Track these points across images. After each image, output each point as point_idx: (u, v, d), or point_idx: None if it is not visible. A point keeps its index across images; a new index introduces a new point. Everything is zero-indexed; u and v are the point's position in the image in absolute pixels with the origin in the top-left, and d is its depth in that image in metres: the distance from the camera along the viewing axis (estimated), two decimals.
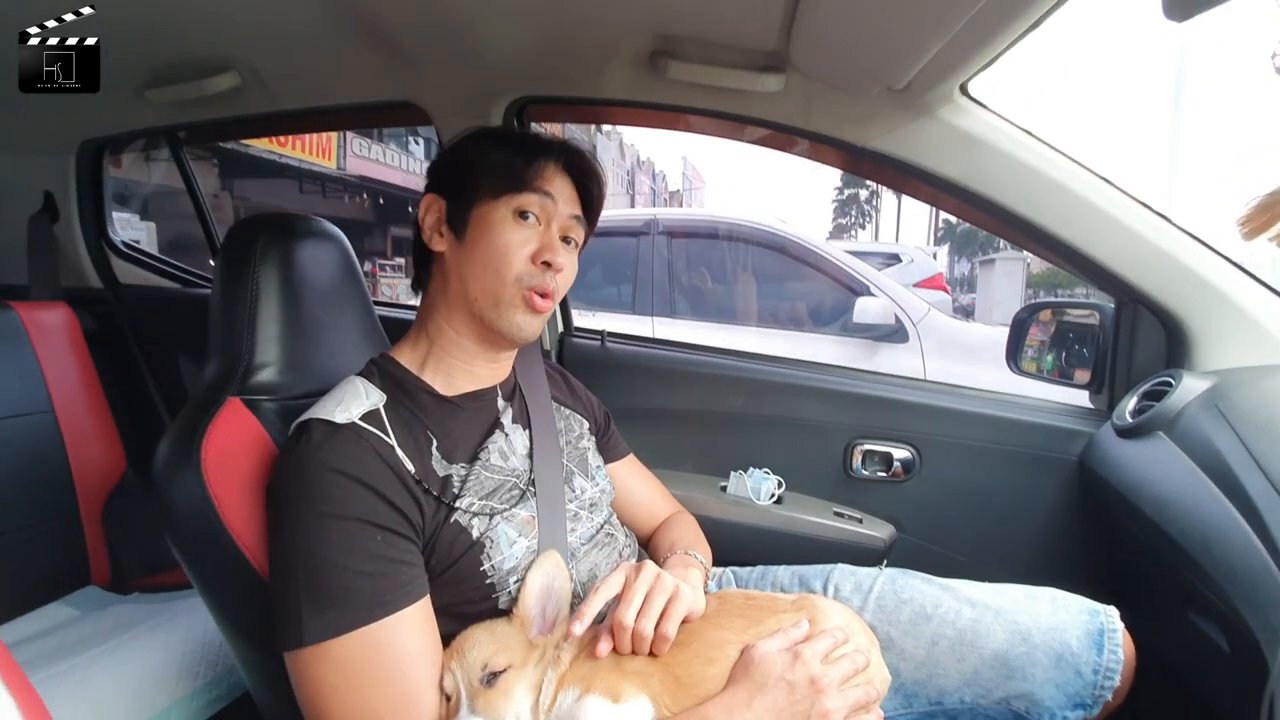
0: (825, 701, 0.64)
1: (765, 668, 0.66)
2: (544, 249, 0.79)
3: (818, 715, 0.64)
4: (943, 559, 1.28)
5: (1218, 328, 1.07)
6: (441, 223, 0.82)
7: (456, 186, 0.82)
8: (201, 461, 0.74)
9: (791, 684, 0.65)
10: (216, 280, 0.88)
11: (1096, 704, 0.79)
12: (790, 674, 0.65)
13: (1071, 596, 0.87)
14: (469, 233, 0.79)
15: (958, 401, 1.29)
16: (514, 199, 0.79)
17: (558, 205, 0.81)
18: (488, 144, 0.84)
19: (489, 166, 0.80)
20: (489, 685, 0.64)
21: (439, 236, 0.82)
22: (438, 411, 0.79)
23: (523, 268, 0.78)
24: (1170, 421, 0.99)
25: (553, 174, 0.82)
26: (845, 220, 28.69)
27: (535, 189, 0.79)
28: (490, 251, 0.78)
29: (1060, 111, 59.83)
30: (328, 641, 0.62)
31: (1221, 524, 0.76)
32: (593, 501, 0.88)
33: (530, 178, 0.79)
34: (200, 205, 1.81)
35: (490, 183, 0.79)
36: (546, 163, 0.81)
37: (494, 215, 0.78)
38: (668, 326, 3.26)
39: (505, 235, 0.78)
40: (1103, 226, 1.06)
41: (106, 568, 1.40)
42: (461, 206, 0.80)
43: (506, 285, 0.78)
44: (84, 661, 1.00)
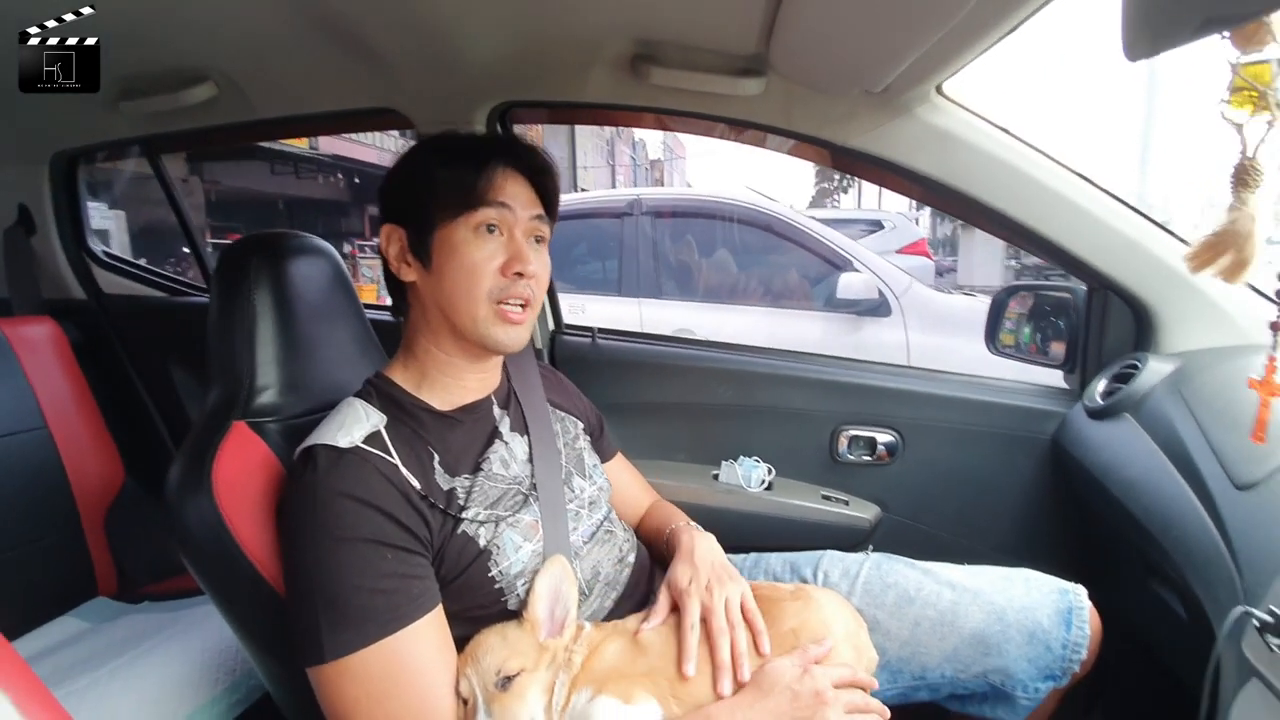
0: (828, 713, 0.68)
1: (774, 676, 0.71)
2: (512, 260, 0.78)
3: None
4: (925, 535, 1.34)
5: (1182, 311, 1.12)
6: (406, 252, 0.81)
7: (412, 213, 0.81)
8: (213, 486, 0.76)
9: (796, 693, 0.69)
10: (213, 304, 0.89)
11: (1065, 675, 0.86)
12: (797, 684, 0.70)
13: (1043, 577, 0.93)
14: (434, 259, 0.79)
15: (938, 386, 1.34)
16: (472, 216, 0.78)
17: (517, 212, 0.80)
18: (432, 161, 0.82)
19: (439, 186, 0.79)
20: (504, 689, 0.67)
21: (406, 266, 0.82)
22: (437, 427, 0.81)
23: (494, 282, 0.78)
24: (1136, 404, 1.04)
25: (505, 180, 0.80)
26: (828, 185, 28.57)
27: (491, 202, 0.78)
28: (459, 274, 0.78)
29: (1036, 107, 59.60)
30: (348, 657, 0.65)
31: (1180, 506, 0.82)
32: (592, 500, 0.91)
33: (483, 190, 0.78)
34: (183, 217, 1.79)
35: (445, 203, 0.78)
36: (496, 169, 0.80)
37: (455, 236, 0.78)
38: (655, 308, 3.28)
39: (471, 255, 0.77)
40: (1073, 217, 1.10)
41: (113, 578, 1.42)
42: (421, 234, 0.79)
43: (481, 303, 0.78)
44: (104, 676, 1.02)
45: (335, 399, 0.82)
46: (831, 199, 24.95)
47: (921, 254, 6.36)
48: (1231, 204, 0.51)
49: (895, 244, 6.20)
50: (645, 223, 3.40)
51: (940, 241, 16.77)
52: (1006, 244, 12.52)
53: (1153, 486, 0.89)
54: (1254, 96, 0.47)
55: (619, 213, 3.45)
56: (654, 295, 3.33)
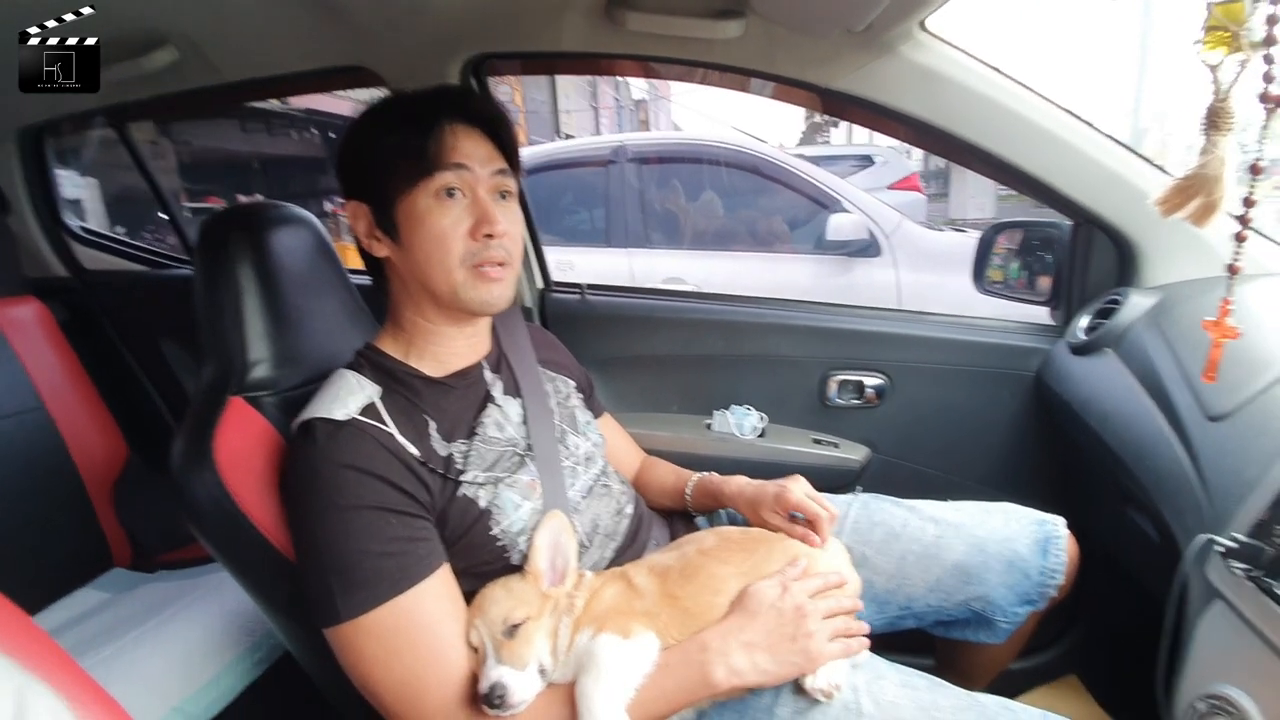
0: (809, 624, 0.73)
1: (758, 598, 0.75)
2: (480, 222, 0.77)
3: (802, 636, 0.72)
4: (912, 473, 1.38)
5: (1165, 244, 1.13)
6: (373, 229, 0.80)
7: (369, 187, 0.79)
8: (216, 462, 0.78)
9: (780, 610, 0.73)
10: (197, 280, 0.89)
11: (1042, 599, 0.91)
12: (780, 603, 0.74)
13: (1023, 510, 0.97)
14: (401, 232, 0.78)
15: (925, 328, 1.36)
16: (429, 182, 0.76)
17: (476, 170, 0.78)
18: (378, 128, 0.80)
19: (390, 154, 0.77)
20: (511, 636, 0.71)
21: (377, 242, 0.81)
22: (431, 394, 0.82)
23: (464, 248, 0.77)
24: (1117, 339, 1.06)
25: (457, 137, 0.77)
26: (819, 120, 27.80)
27: (446, 164, 0.76)
28: (429, 244, 0.77)
29: (1026, 28, 57.19)
30: (362, 616, 0.68)
31: (1154, 437, 0.85)
32: (587, 456, 0.93)
33: (435, 153, 0.75)
34: (156, 187, 1.75)
35: (399, 172, 0.76)
36: (444, 127, 0.77)
37: (418, 206, 0.76)
38: (644, 258, 3.25)
39: (436, 223, 0.76)
40: (1057, 152, 1.09)
41: (127, 549, 1.46)
42: (384, 208, 0.78)
43: (454, 270, 0.77)
44: (129, 643, 1.07)
45: (329, 370, 0.83)
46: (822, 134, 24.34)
47: (913, 189, 6.25)
48: (1203, 147, 0.51)
49: (886, 179, 6.09)
50: (631, 170, 3.33)
51: (933, 174, 16.49)
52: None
53: (1129, 418, 0.92)
54: (1227, 37, 0.46)
55: (604, 160, 3.38)
56: (642, 245, 3.30)
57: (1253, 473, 0.67)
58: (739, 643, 0.72)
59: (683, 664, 0.71)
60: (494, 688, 0.67)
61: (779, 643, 0.72)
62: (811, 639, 0.72)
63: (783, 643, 0.72)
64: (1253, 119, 0.52)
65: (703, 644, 0.72)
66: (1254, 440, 0.70)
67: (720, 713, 0.75)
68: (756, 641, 0.72)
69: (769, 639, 0.72)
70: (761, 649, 0.72)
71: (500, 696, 0.66)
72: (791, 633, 0.72)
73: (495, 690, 0.67)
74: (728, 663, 0.70)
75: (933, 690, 0.72)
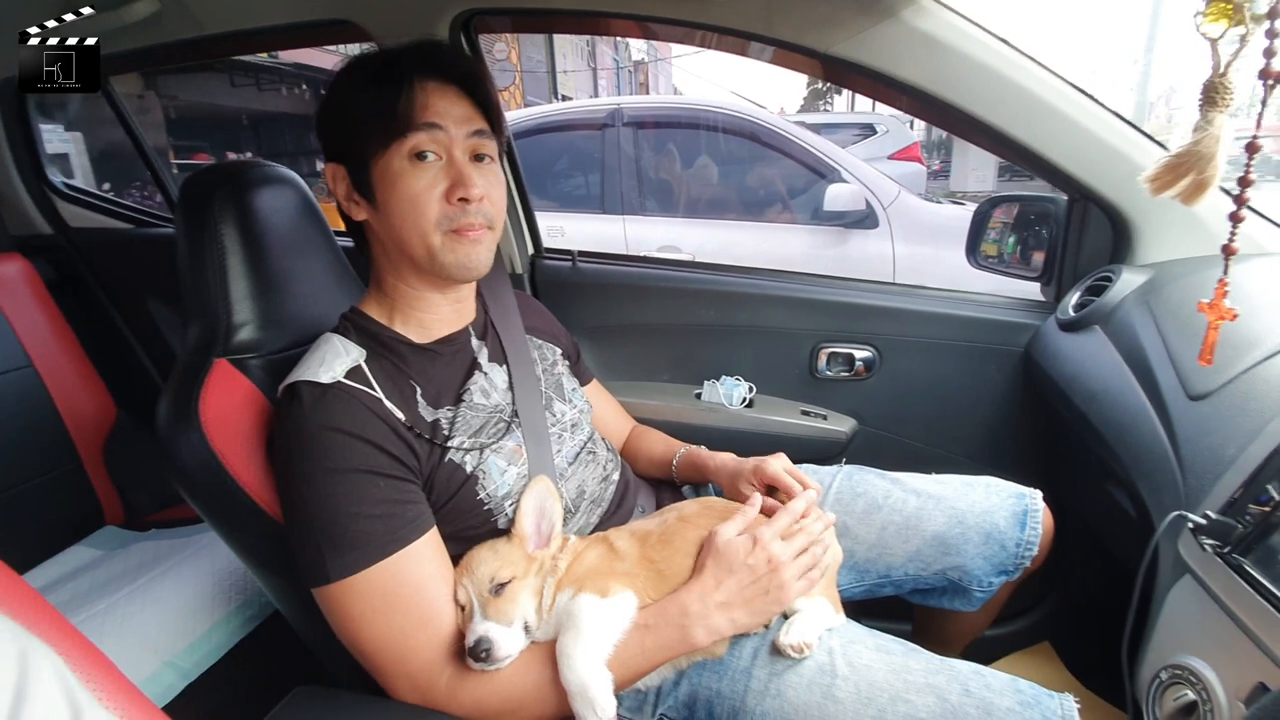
0: (782, 575, 0.75)
1: (729, 555, 0.76)
2: (454, 186, 0.75)
3: (775, 588, 0.74)
4: (899, 446, 1.40)
5: (1159, 221, 1.12)
6: (352, 191, 0.79)
7: (346, 148, 0.77)
8: (202, 423, 0.78)
9: (752, 567, 0.75)
10: (180, 240, 0.88)
11: (1017, 570, 0.93)
12: (751, 559, 0.75)
13: (1003, 483, 0.99)
14: (377, 194, 0.76)
15: (915, 302, 1.36)
16: (402, 144, 0.74)
17: (450, 131, 0.75)
18: (352, 84, 0.77)
19: (362, 112, 0.74)
20: (497, 594, 0.72)
21: (355, 205, 0.79)
22: (417, 360, 0.82)
23: (440, 210, 0.75)
24: (1106, 316, 1.06)
25: (430, 95, 0.75)
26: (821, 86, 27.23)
27: (418, 125, 0.73)
28: (404, 207, 0.75)
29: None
30: (351, 577, 0.69)
31: (1135, 414, 0.86)
32: (573, 422, 0.94)
33: (406, 112, 0.73)
34: (141, 146, 1.70)
35: (371, 130, 0.74)
36: (418, 84, 0.74)
37: (391, 168, 0.74)
38: (639, 225, 3.22)
39: (410, 185, 0.74)
40: (1056, 125, 1.08)
41: (119, 508, 1.47)
42: (359, 170, 0.77)
43: (431, 234, 0.76)
44: (121, 599, 1.09)
45: (315, 333, 0.83)
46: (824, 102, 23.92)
47: (914, 159, 6.19)
48: (1197, 123, 0.50)
49: (888, 149, 6.03)
50: (627, 134, 3.27)
51: (935, 144, 16.29)
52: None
53: (1114, 396, 0.93)
54: (1229, 9, 0.45)
55: (600, 123, 3.31)
56: (638, 212, 3.26)
57: (1229, 452, 0.68)
58: (715, 604, 0.74)
59: (663, 624, 0.73)
60: (480, 641, 0.69)
61: (754, 598, 0.74)
62: (783, 588, 0.75)
63: (757, 598, 0.74)
64: (1253, 96, 0.51)
65: (683, 607, 0.74)
66: (1232, 420, 0.71)
67: (699, 672, 0.77)
68: (732, 601, 0.74)
69: (743, 596, 0.74)
70: (737, 606, 0.74)
71: (486, 650, 0.68)
72: (765, 586, 0.75)
73: (481, 644, 0.68)
74: (707, 624, 0.73)
75: (906, 655, 0.74)
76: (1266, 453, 0.63)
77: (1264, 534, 0.59)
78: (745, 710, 0.73)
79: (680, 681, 0.78)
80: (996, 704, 0.67)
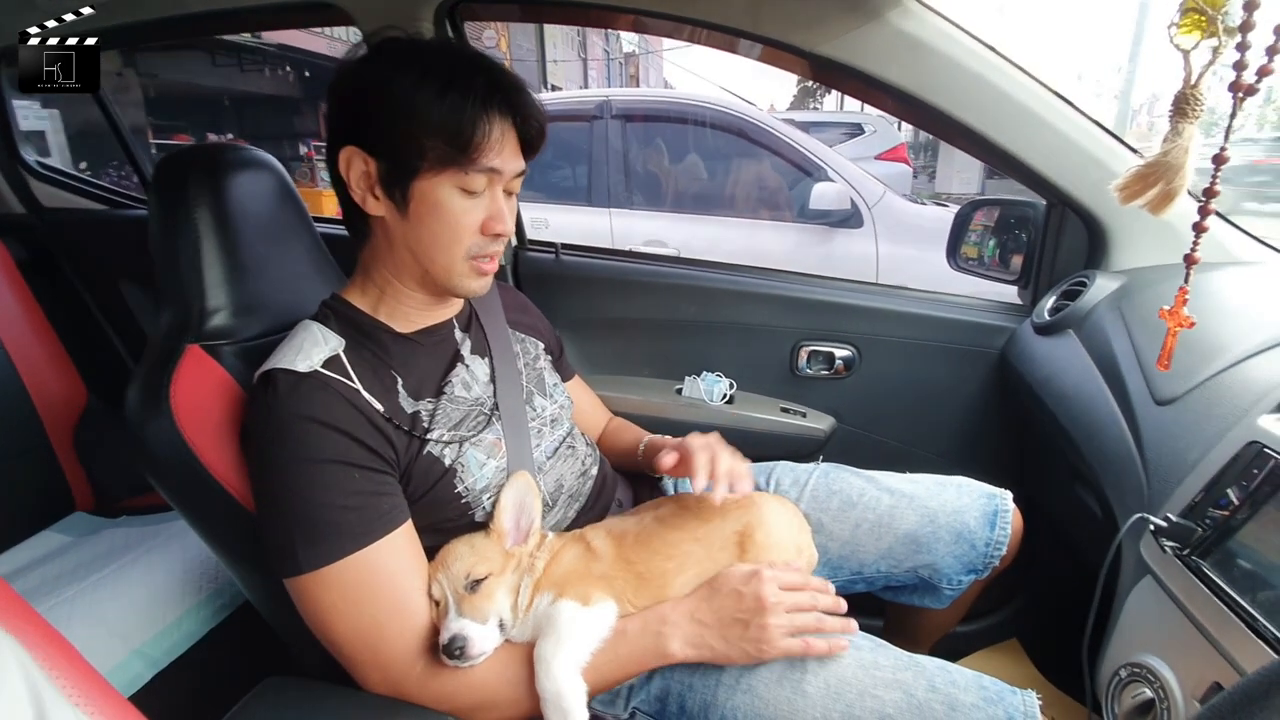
0: (767, 617, 0.73)
1: (724, 577, 0.76)
2: (491, 220, 0.77)
3: (757, 627, 0.72)
4: (876, 444, 1.41)
5: (1133, 229, 1.14)
6: (375, 185, 0.75)
7: (386, 146, 0.73)
8: (173, 410, 0.77)
9: (741, 594, 0.74)
10: (153, 222, 0.86)
11: (986, 569, 0.95)
12: (743, 586, 0.75)
13: (974, 483, 1.00)
14: (412, 206, 0.75)
15: (896, 302, 1.37)
16: (460, 176, 0.73)
17: (505, 174, 0.77)
18: (415, 86, 0.71)
19: (428, 128, 0.71)
20: (473, 591, 0.72)
21: (374, 200, 0.76)
22: (399, 350, 0.81)
23: (472, 240, 0.77)
24: (1080, 321, 1.08)
25: (504, 140, 0.74)
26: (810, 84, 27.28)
27: (483, 167, 0.73)
28: (440, 230, 0.75)
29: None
30: (324, 569, 0.68)
31: (1104, 418, 0.88)
32: (553, 417, 0.94)
33: (479, 149, 0.72)
34: (117, 126, 1.66)
35: (432, 152, 0.72)
36: (494, 121, 0.73)
37: (439, 191, 0.74)
38: (625, 218, 3.21)
39: (454, 213, 0.75)
40: (1036, 131, 1.09)
41: (89, 493, 1.44)
42: (398, 174, 0.73)
43: (458, 260, 0.78)
44: (89, 586, 1.07)
45: (291, 320, 0.82)
46: (814, 100, 23.98)
47: (900, 160, 6.24)
48: (1167, 134, 0.51)
49: (875, 149, 6.07)
50: (616, 126, 3.26)
51: (922, 145, 16.40)
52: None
53: (1084, 399, 0.95)
54: (1203, 21, 0.46)
55: (588, 115, 3.29)
56: (624, 205, 3.25)
57: (1192, 456, 0.70)
58: (691, 618, 0.74)
59: (641, 633, 0.73)
60: (454, 639, 0.68)
61: (729, 625, 0.74)
62: (766, 630, 0.72)
63: (733, 626, 0.73)
64: (1222, 108, 0.52)
65: (662, 616, 0.75)
66: (1196, 426, 0.72)
67: (672, 667, 0.77)
68: (707, 620, 0.74)
69: (719, 619, 0.74)
70: (711, 627, 0.74)
71: (460, 647, 0.68)
72: (745, 619, 0.73)
73: (456, 641, 0.68)
74: (682, 635, 0.73)
75: (875, 651, 0.75)
76: (1227, 458, 0.65)
77: (1222, 537, 0.60)
78: (716, 704, 0.73)
79: (653, 676, 0.78)
80: (961, 699, 0.69)
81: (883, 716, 0.69)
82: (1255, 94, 0.46)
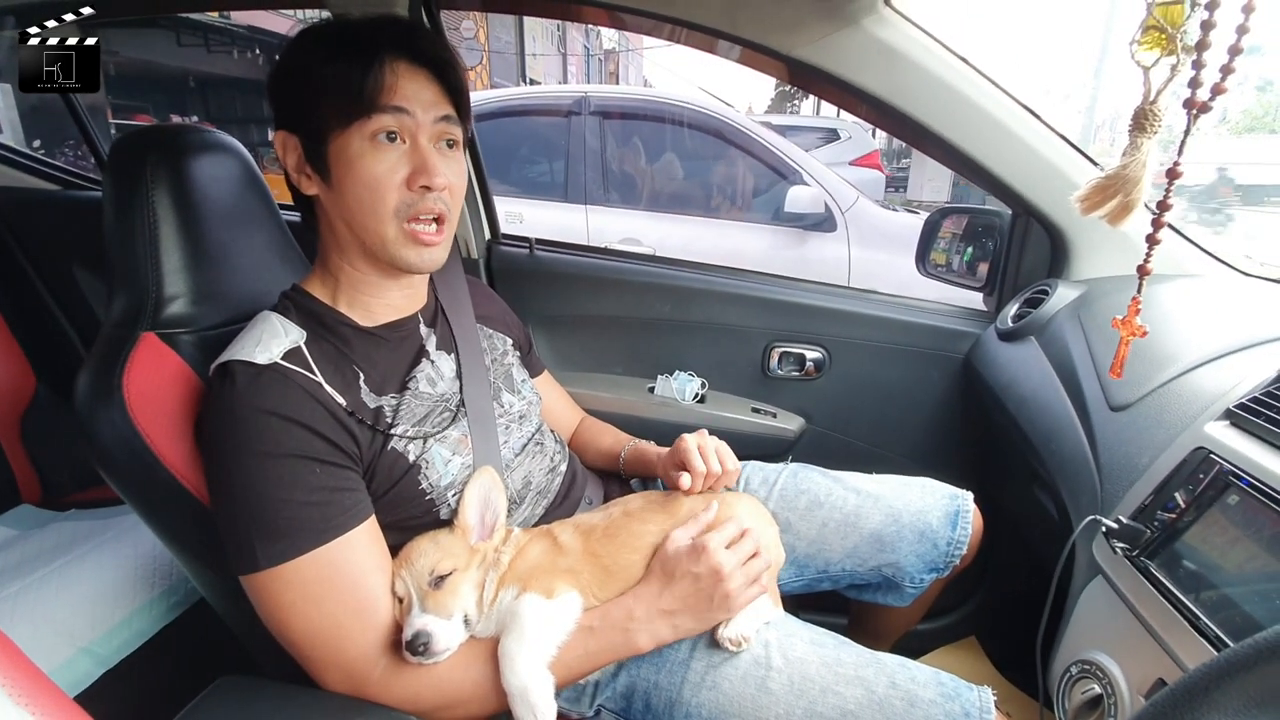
0: (726, 585, 0.75)
1: (674, 563, 0.77)
2: (417, 172, 0.72)
3: (719, 597, 0.75)
4: (843, 445, 1.44)
5: (1094, 240, 1.18)
6: (303, 164, 0.75)
7: (301, 119, 0.73)
8: (125, 400, 0.74)
9: (696, 575, 0.75)
10: (107, 203, 0.83)
11: (948, 568, 0.97)
12: (695, 567, 0.76)
13: (938, 484, 1.02)
14: (332, 172, 0.73)
15: (866, 305, 1.39)
16: (365, 124, 0.70)
17: (418, 115, 0.72)
18: (314, 53, 0.72)
19: (324, 85, 0.70)
20: (437, 587, 0.71)
21: (306, 179, 0.76)
22: (361, 345, 0.79)
23: (399, 197, 0.73)
24: (1041, 328, 1.11)
25: (400, 77, 0.72)
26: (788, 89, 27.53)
27: (384, 107, 0.70)
28: (360, 189, 0.72)
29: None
30: (282, 565, 0.66)
31: (1062, 422, 0.90)
32: (521, 414, 0.93)
33: (373, 92, 0.70)
34: (71, 101, 1.60)
35: (333, 106, 0.70)
36: (387, 64, 0.71)
37: (351, 148, 0.71)
38: (601, 215, 3.20)
39: (370, 168, 0.71)
40: (1003, 142, 1.12)
41: (36, 485, 1.39)
42: (315, 144, 0.73)
43: (387, 221, 0.74)
44: (35, 582, 1.03)
45: (253, 310, 0.79)
46: (791, 105, 24.21)
47: (874, 166, 6.34)
48: (1126, 148, 0.53)
49: (850, 154, 6.15)
50: (593, 123, 3.24)
51: (895, 152, 16.68)
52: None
53: (1043, 404, 0.98)
54: (1163, 39, 0.48)
55: (566, 110, 3.27)
56: (600, 202, 3.24)
57: (1143, 461, 0.72)
58: (660, 611, 0.75)
59: (608, 628, 0.73)
60: (418, 635, 0.67)
61: (698, 605, 0.75)
62: (729, 596, 0.75)
63: (701, 605, 0.75)
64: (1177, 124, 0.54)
65: (628, 611, 0.75)
66: (1148, 431, 0.75)
67: (637, 664, 0.78)
68: (676, 609, 0.75)
69: (687, 603, 0.75)
70: (682, 613, 0.75)
71: (424, 643, 0.67)
72: (709, 594, 0.75)
73: (419, 638, 0.67)
74: (651, 629, 0.74)
75: (838, 648, 0.76)
76: (1175, 463, 0.67)
77: (1169, 539, 0.63)
78: (681, 702, 0.74)
79: (619, 673, 0.78)
80: (920, 695, 0.70)
81: (845, 712, 0.70)
82: (1209, 111, 0.48)
